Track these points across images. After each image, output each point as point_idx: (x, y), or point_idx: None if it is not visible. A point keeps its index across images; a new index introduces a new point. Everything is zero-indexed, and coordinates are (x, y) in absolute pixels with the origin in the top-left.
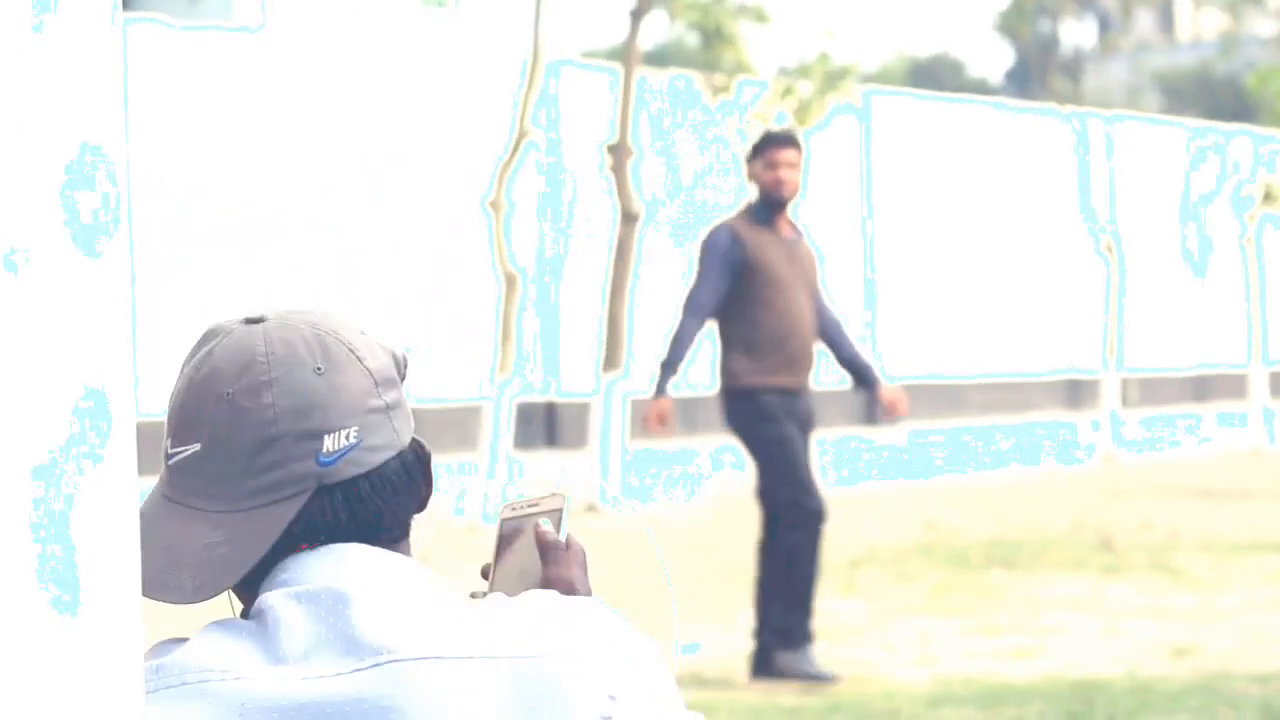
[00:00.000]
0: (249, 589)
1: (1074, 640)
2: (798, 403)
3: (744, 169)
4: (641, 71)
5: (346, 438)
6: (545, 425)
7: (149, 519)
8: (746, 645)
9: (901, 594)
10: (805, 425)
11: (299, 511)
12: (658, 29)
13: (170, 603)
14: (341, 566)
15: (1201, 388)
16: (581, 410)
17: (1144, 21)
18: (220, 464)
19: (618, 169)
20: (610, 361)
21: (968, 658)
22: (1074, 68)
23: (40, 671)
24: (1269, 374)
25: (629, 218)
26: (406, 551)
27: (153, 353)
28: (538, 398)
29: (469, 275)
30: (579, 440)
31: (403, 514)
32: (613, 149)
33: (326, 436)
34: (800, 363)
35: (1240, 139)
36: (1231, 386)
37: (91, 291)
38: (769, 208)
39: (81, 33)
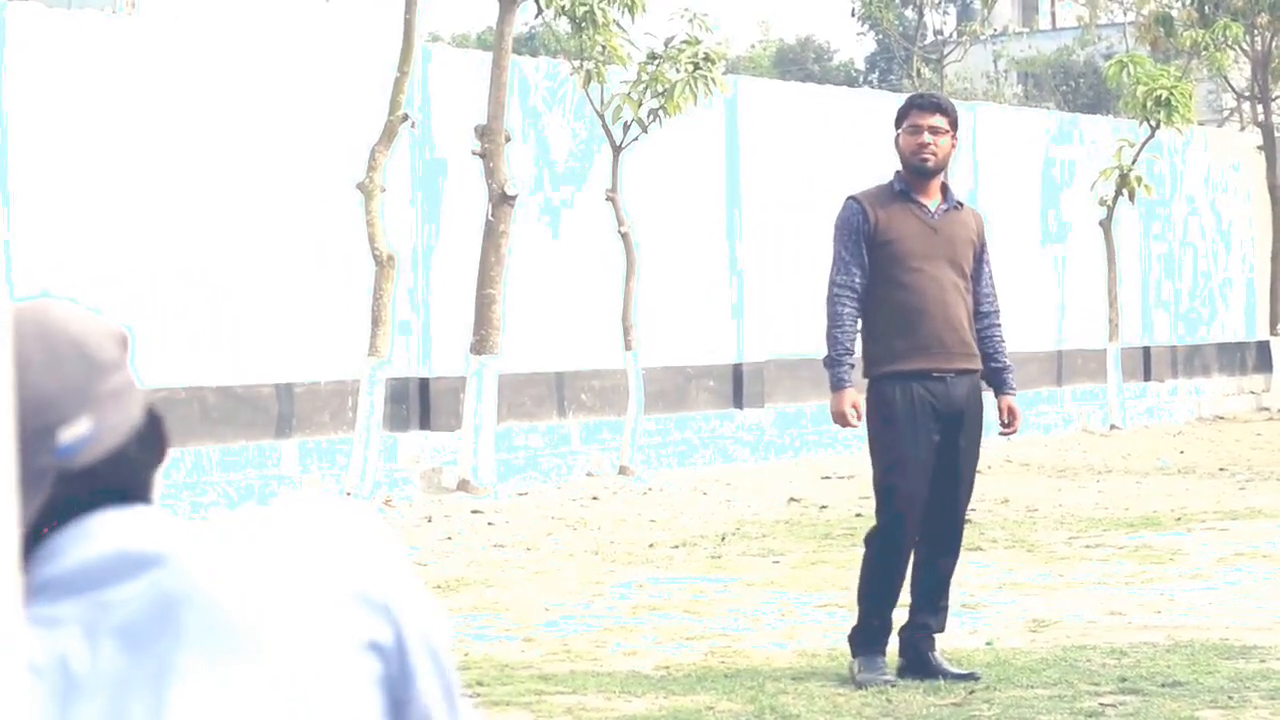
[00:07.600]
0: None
1: None
2: (937, 389)
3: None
4: (512, 57)
5: (81, 427)
6: (419, 405)
7: None
8: (599, 624)
9: (766, 568)
10: (947, 416)
11: (46, 501)
12: (528, 14)
13: None
14: (83, 528)
15: (1059, 367)
16: (455, 390)
17: (1004, 9)
18: None
19: (491, 152)
20: (482, 342)
21: (831, 632)
22: (936, 55)
23: None
24: (1123, 354)
25: (503, 200)
26: None
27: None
28: (411, 375)
29: (342, 258)
30: (452, 420)
31: (144, 480)
32: (485, 132)
33: (61, 429)
34: (935, 346)
35: (1098, 125)
36: (1088, 366)
37: None
38: (910, 177)
39: None
